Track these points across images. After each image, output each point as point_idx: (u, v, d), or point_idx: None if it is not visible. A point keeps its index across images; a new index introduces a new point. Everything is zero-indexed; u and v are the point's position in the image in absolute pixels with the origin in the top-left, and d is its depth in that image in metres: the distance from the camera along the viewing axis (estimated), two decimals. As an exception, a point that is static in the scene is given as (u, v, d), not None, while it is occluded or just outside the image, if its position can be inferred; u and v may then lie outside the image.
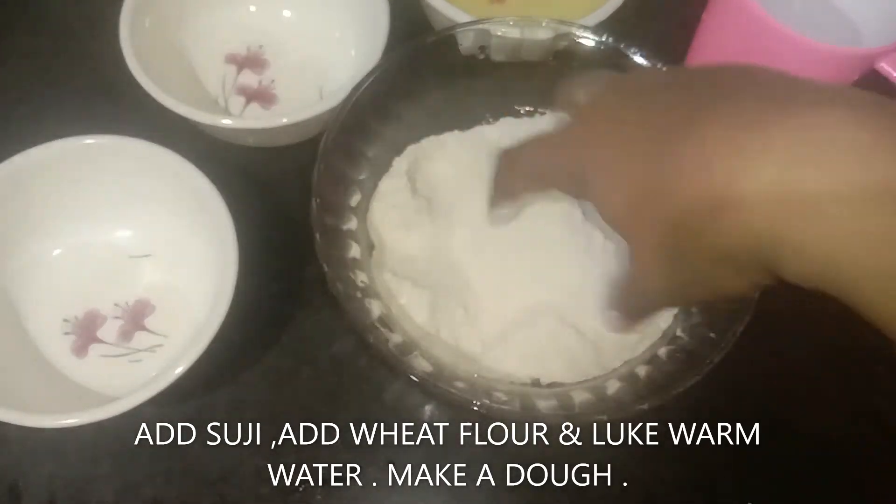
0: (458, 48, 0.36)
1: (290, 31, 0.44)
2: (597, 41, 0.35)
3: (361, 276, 0.33)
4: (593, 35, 0.35)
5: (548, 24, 0.35)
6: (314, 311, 0.37)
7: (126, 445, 0.34)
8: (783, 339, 0.36)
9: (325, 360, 0.36)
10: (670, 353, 0.32)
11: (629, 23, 0.39)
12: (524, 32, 0.35)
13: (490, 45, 0.36)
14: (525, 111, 0.39)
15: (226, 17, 0.44)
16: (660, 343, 0.33)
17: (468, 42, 0.36)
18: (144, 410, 0.29)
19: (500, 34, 0.35)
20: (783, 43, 0.35)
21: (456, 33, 0.35)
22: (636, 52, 0.35)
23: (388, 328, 0.31)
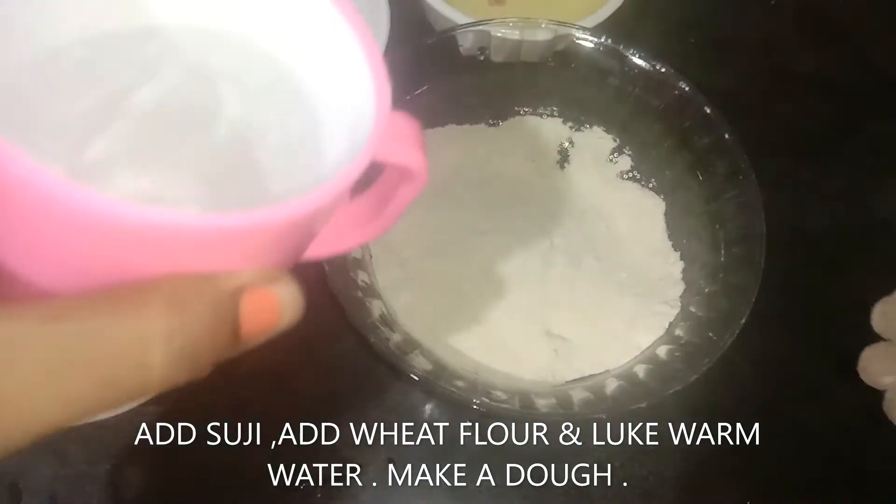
0: (458, 49, 0.36)
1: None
2: (596, 42, 0.36)
3: (362, 276, 0.33)
4: (592, 36, 0.35)
5: (547, 25, 0.35)
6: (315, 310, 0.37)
7: (126, 445, 0.34)
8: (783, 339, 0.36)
9: (326, 360, 0.36)
10: (670, 352, 0.32)
11: (628, 24, 0.39)
12: (524, 34, 0.35)
13: (490, 46, 0.36)
14: (525, 112, 0.39)
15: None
16: (659, 342, 0.33)
17: (468, 43, 0.36)
18: (144, 410, 0.29)
19: (500, 35, 0.36)
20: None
21: (456, 34, 0.35)
22: (635, 53, 0.35)
23: (389, 327, 0.31)
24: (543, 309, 0.33)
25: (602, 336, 0.33)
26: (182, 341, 0.13)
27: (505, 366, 0.32)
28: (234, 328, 0.14)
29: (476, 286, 0.34)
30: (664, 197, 0.38)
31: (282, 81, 0.19)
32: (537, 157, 0.39)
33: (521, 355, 0.33)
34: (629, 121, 0.38)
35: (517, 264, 0.34)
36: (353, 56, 0.17)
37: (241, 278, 0.15)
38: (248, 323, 0.15)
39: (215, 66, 0.18)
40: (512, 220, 0.36)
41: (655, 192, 0.38)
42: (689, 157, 0.36)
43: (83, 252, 0.14)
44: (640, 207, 0.38)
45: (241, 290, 0.14)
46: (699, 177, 0.36)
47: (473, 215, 0.36)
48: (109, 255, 0.14)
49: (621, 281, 0.35)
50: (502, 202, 0.37)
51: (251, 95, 0.18)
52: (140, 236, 0.13)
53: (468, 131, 0.38)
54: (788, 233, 0.38)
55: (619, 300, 0.34)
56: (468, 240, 0.35)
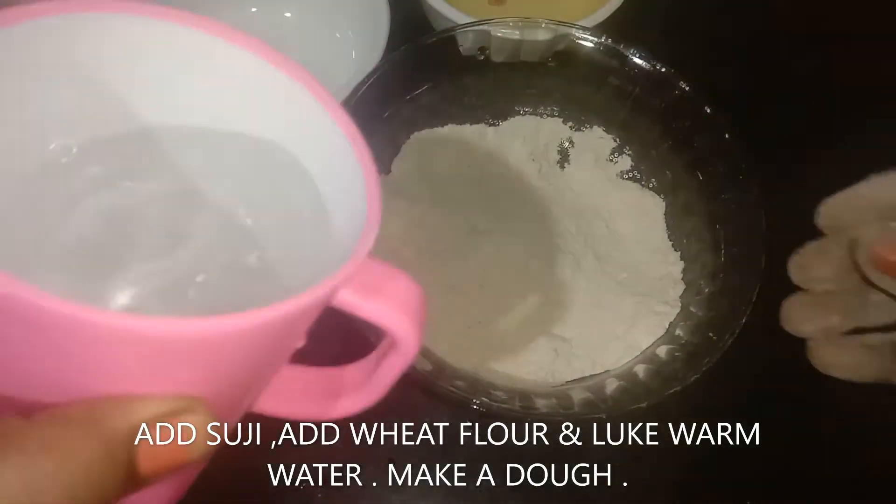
0: (458, 49, 0.36)
1: (291, 33, 0.44)
2: (596, 42, 0.36)
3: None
4: (592, 36, 0.35)
5: (547, 25, 0.35)
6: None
7: (126, 445, 0.34)
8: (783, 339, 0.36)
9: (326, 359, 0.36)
10: (669, 352, 0.32)
11: (628, 24, 0.39)
12: (524, 34, 0.35)
13: (490, 45, 0.36)
14: (525, 112, 0.39)
15: (227, 18, 0.44)
16: (659, 342, 0.33)
17: (468, 43, 0.36)
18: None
19: (500, 35, 0.35)
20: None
21: (456, 34, 0.35)
22: (635, 53, 0.35)
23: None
24: (543, 309, 0.33)
25: (602, 336, 0.33)
26: (58, 495, 0.12)
27: (505, 366, 0.32)
28: (129, 470, 0.13)
29: (476, 286, 0.34)
30: (664, 197, 0.38)
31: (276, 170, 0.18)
32: (537, 157, 0.39)
33: (521, 355, 0.33)
34: (629, 121, 0.38)
35: (517, 264, 0.34)
36: (354, 178, 0.17)
37: (138, 412, 0.13)
38: (147, 462, 0.14)
39: (203, 166, 0.18)
40: (512, 220, 0.36)
41: (655, 191, 0.38)
42: (688, 157, 0.36)
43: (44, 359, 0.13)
44: (640, 207, 0.38)
45: (135, 429, 0.13)
46: (699, 177, 0.36)
47: (473, 215, 0.36)
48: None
49: (621, 281, 0.35)
50: (502, 202, 0.37)
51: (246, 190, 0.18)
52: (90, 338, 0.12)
53: (468, 131, 0.38)
54: (789, 232, 0.38)
55: (619, 300, 0.34)
56: (468, 240, 0.35)
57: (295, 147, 0.18)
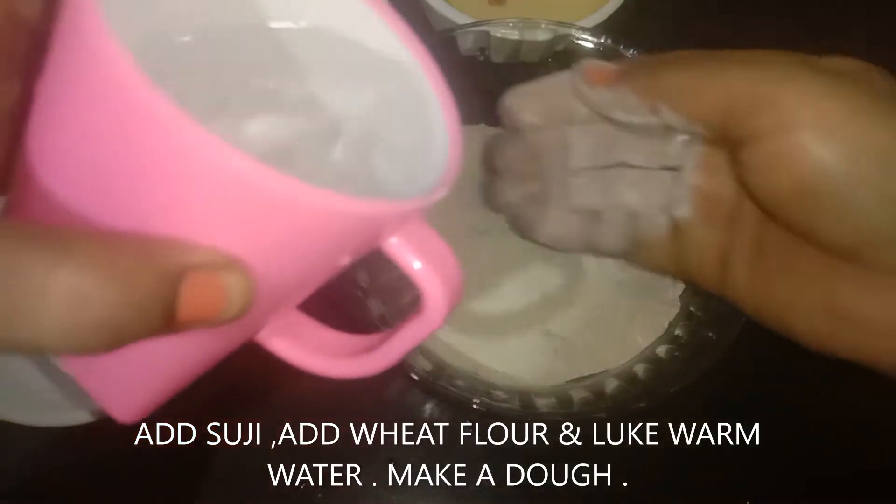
0: (457, 49, 0.36)
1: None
2: (595, 43, 0.36)
3: (362, 276, 0.33)
4: (592, 37, 0.35)
5: (547, 25, 0.35)
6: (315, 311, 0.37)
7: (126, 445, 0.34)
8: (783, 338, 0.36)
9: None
10: (669, 351, 0.32)
11: (628, 24, 0.39)
12: (523, 34, 0.35)
13: (490, 46, 0.36)
14: (524, 112, 0.39)
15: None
16: (659, 342, 0.33)
17: (468, 43, 0.36)
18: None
19: (500, 35, 0.36)
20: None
21: (456, 34, 0.36)
22: (635, 53, 0.35)
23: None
24: (543, 309, 0.33)
25: (602, 335, 0.33)
26: (100, 310, 0.12)
27: (505, 366, 0.32)
28: (168, 310, 0.14)
29: (476, 286, 0.34)
30: (664, 197, 0.38)
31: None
32: (537, 157, 0.39)
33: (521, 355, 0.33)
34: (629, 121, 0.38)
35: (517, 264, 0.34)
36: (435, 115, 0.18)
37: (190, 258, 0.14)
38: (187, 307, 0.14)
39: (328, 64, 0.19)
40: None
41: (655, 192, 0.38)
42: (688, 157, 0.36)
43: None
44: (640, 207, 0.38)
45: (186, 271, 0.14)
46: (699, 177, 0.35)
47: (473, 215, 0.36)
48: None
49: (621, 280, 0.35)
50: (502, 202, 0.37)
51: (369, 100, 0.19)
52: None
53: (468, 131, 0.38)
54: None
55: (619, 299, 0.34)
56: (468, 240, 0.35)
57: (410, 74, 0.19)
